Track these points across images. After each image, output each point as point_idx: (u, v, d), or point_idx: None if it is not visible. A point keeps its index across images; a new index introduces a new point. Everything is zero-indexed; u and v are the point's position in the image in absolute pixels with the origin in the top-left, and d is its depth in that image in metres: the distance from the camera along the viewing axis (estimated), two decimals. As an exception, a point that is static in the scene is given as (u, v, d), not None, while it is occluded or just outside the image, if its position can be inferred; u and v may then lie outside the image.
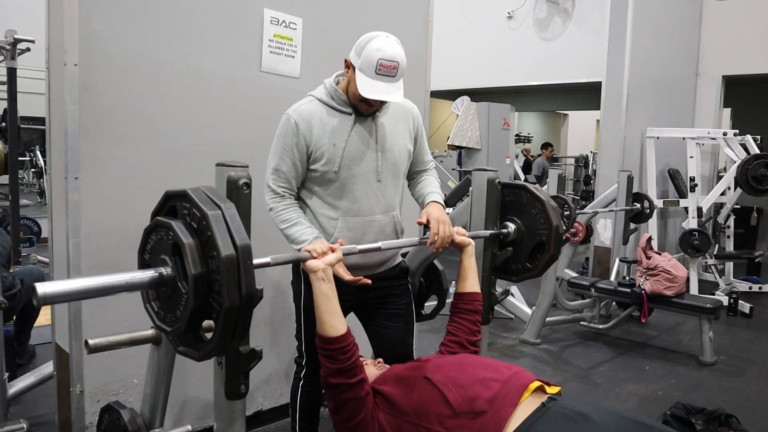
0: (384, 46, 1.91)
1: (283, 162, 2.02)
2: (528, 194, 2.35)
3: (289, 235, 2.01)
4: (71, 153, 2.11)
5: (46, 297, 1.19)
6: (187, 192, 1.37)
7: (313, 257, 1.77)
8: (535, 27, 8.02)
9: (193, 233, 1.34)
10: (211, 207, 1.33)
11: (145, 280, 1.37)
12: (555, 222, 2.30)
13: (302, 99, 2.10)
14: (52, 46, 2.22)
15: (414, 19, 3.18)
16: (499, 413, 1.62)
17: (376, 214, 2.11)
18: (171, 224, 1.35)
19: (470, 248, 2.18)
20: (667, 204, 6.36)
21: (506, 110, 5.37)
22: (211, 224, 1.30)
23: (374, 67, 1.90)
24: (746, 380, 3.89)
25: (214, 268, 1.31)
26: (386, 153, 2.10)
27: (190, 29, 2.39)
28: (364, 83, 1.91)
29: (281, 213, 2.02)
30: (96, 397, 2.28)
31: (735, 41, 7.04)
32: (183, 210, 1.39)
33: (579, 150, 13.75)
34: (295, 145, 2.00)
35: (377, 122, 2.09)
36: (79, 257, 2.16)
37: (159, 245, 1.41)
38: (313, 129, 2.01)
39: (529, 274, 2.40)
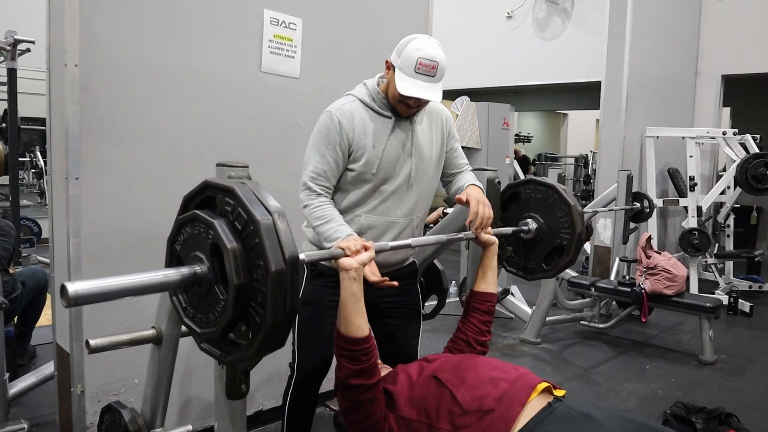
0: (424, 46, 1.92)
1: (324, 160, 2.00)
2: (556, 195, 2.33)
3: (323, 231, 1.98)
4: (72, 153, 2.12)
5: (78, 297, 1.11)
6: (234, 190, 1.27)
7: (346, 255, 1.74)
8: (535, 27, 8.02)
9: (238, 236, 1.25)
10: (263, 213, 1.23)
11: (177, 279, 1.28)
12: (579, 228, 2.28)
13: (342, 98, 2.08)
14: (53, 46, 2.22)
15: (413, 20, 3.18)
16: (508, 412, 1.63)
17: (398, 217, 2.11)
18: (213, 224, 1.26)
19: (494, 247, 2.16)
20: (667, 203, 6.37)
21: (506, 110, 5.37)
22: (261, 234, 1.21)
23: (413, 65, 1.90)
24: (746, 379, 3.90)
25: (258, 278, 1.22)
26: (420, 159, 2.11)
27: (190, 30, 2.39)
28: (403, 81, 1.92)
29: (316, 209, 1.99)
30: (97, 397, 2.28)
31: (734, 41, 7.04)
32: (225, 206, 1.28)
33: (579, 150, 13.77)
34: (338, 143, 1.99)
35: (414, 127, 2.09)
36: (79, 258, 2.16)
37: (194, 239, 1.31)
38: (356, 129, 2.00)
39: (543, 274, 2.40)
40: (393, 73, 1.96)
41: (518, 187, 2.45)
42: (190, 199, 1.40)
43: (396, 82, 1.93)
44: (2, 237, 3.09)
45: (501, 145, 5.35)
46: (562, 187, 2.39)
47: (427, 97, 1.94)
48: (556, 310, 4.82)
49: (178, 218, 1.37)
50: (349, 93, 2.11)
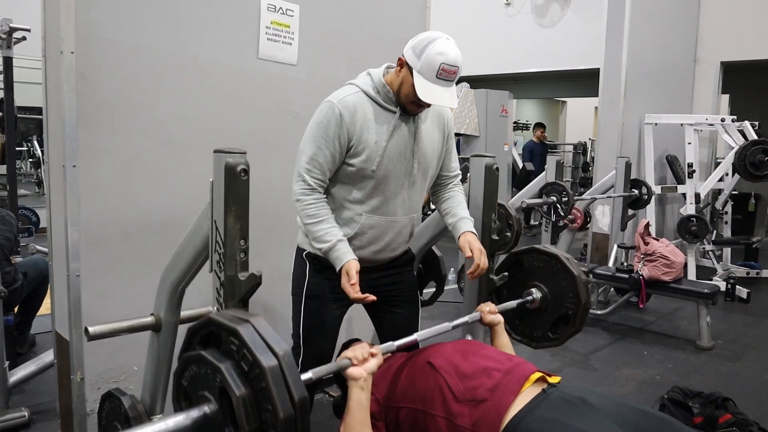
0: (447, 50, 1.85)
1: (321, 152, 1.94)
2: (559, 264, 2.33)
3: (314, 231, 1.95)
4: (69, 141, 2.10)
5: None
6: (239, 332, 1.25)
7: (353, 364, 1.69)
8: (534, 14, 7.99)
9: (245, 380, 1.23)
10: (268, 357, 1.22)
11: (188, 425, 1.26)
12: (584, 299, 2.28)
13: (344, 88, 2.01)
14: (49, 34, 2.21)
15: (412, 6, 3.17)
16: (501, 401, 1.64)
17: (399, 216, 2.09)
18: (221, 368, 1.24)
19: (501, 325, 2.15)
20: (665, 190, 6.37)
21: (504, 97, 5.36)
22: (268, 379, 1.20)
23: (436, 71, 1.85)
24: (743, 365, 3.92)
25: (267, 421, 1.21)
26: (422, 157, 2.07)
27: (187, 17, 2.38)
28: (423, 87, 1.86)
29: (309, 207, 1.95)
30: (96, 385, 2.29)
31: (733, 27, 7.01)
32: (231, 345, 1.27)
33: (577, 137, 13.73)
34: (338, 136, 1.93)
35: (418, 124, 2.04)
36: (78, 246, 2.16)
37: (202, 379, 1.30)
38: (357, 122, 1.94)
39: (550, 343, 2.39)
40: (407, 72, 1.90)
41: (521, 255, 2.45)
42: (195, 332, 1.37)
43: (416, 87, 1.87)
44: (3, 226, 3.09)
45: (500, 132, 5.34)
46: (565, 255, 2.37)
47: (450, 104, 1.91)
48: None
49: (184, 355, 1.35)
50: (352, 82, 2.03)
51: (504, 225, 3.51)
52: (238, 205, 1.54)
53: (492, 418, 1.62)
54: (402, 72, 1.93)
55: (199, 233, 1.69)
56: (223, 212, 1.54)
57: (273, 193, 2.60)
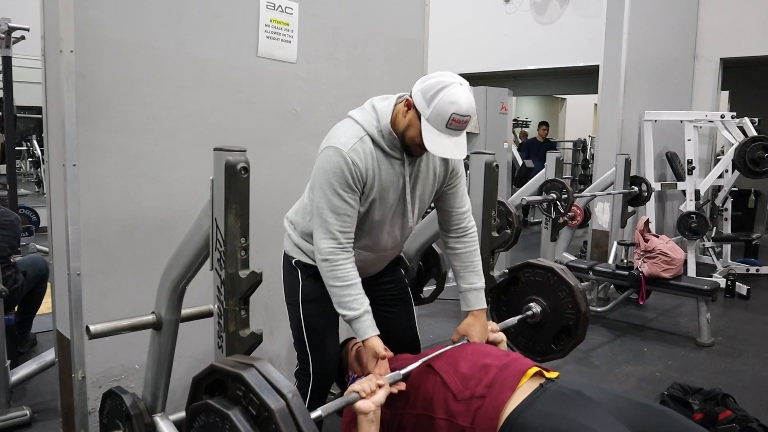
0: (459, 99, 1.73)
1: (346, 205, 1.83)
2: (556, 277, 2.36)
3: (341, 295, 1.85)
4: (68, 140, 2.10)
5: None
6: (243, 377, 1.26)
7: (361, 397, 1.67)
8: (533, 11, 7.98)
9: (255, 424, 1.24)
10: (275, 399, 1.24)
11: None
12: (583, 308, 2.30)
13: (347, 129, 1.89)
14: (48, 33, 2.21)
15: (411, 4, 3.16)
16: (498, 397, 1.65)
17: (388, 250, 2.07)
18: (229, 415, 1.25)
19: (503, 345, 2.13)
20: (665, 187, 6.37)
21: (504, 94, 5.36)
22: (278, 421, 1.20)
23: (446, 121, 1.73)
24: (743, 361, 3.92)
25: None
26: (420, 199, 2.01)
27: (186, 15, 2.37)
28: (432, 138, 1.75)
29: (338, 268, 1.84)
30: (98, 383, 2.29)
31: (733, 23, 7.01)
32: (237, 391, 1.29)
33: (577, 134, 13.73)
34: (355, 186, 1.83)
35: (420, 167, 1.96)
36: (78, 245, 2.16)
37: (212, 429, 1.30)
38: (368, 171, 1.85)
39: (554, 356, 2.42)
40: (415, 116, 1.79)
41: (517, 271, 2.46)
42: (200, 382, 1.39)
43: (424, 137, 1.76)
44: (6, 230, 3.09)
45: (499, 129, 5.34)
46: (561, 267, 2.40)
47: (458, 156, 1.80)
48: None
49: (192, 406, 1.36)
50: (356, 121, 1.90)
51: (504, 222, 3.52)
52: (238, 203, 1.55)
53: (490, 414, 1.62)
54: (409, 115, 1.82)
55: (199, 231, 1.69)
56: (223, 210, 1.54)
57: (273, 190, 2.61)
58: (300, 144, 2.73)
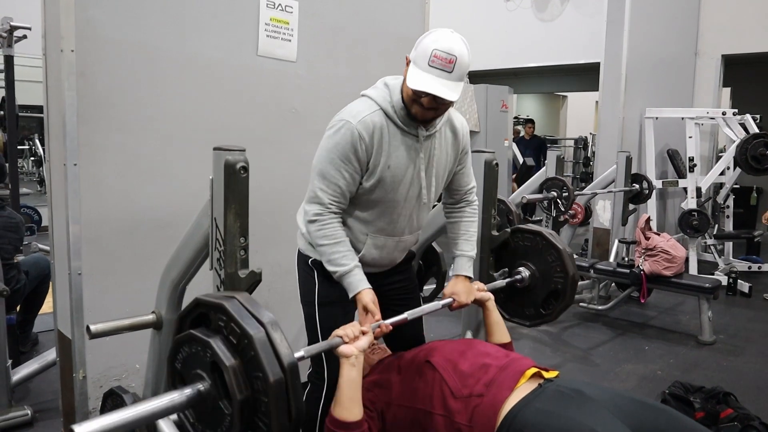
0: (442, 38, 1.73)
1: (340, 175, 1.84)
2: (544, 241, 2.36)
3: (328, 253, 1.87)
4: (69, 140, 2.10)
5: None
6: (224, 306, 1.30)
7: (345, 342, 1.70)
8: (533, 8, 7.97)
9: (235, 352, 1.28)
10: (254, 326, 1.27)
11: (183, 401, 1.30)
12: (571, 271, 2.31)
13: (360, 103, 1.89)
14: (49, 32, 2.21)
15: (411, 2, 3.16)
16: (496, 396, 1.65)
17: (405, 235, 2.05)
18: (210, 343, 1.29)
19: (490, 303, 2.16)
20: (666, 185, 6.36)
21: (504, 92, 5.36)
22: (255, 346, 1.24)
23: (428, 58, 1.71)
24: (745, 359, 3.92)
25: (259, 389, 1.26)
26: (435, 179, 1.99)
27: (186, 15, 2.37)
28: (413, 74, 1.74)
29: (325, 227, 1.86)
30: (99, 383, 2.30)
31: (734, 20, 6.99)
32: (219, 322, 1.32)
33: (578, 132, 13.73)
34: (357, 159, 1.83)
35: (434, 144, 1.95)
36: (79, 244, 2.16)
37: (193, 358, 1.34)
38: (375, 144, 1.83)
39: (543, 320, 2.43)
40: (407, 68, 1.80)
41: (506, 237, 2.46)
42: (184, 317, 1.42)
43: (407, 78, 1.77)
44: (11, 233, 3.09)
45: (500, 127, 5.35)
46: (549, 231, 2.42)
47: (438, 93, 1.72)
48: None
49: (175, 338, 1.40)
50: (370, 96, 1.90)
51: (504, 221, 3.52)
52: (237, 202, 1.55)
53: (488, 413, 1.63)
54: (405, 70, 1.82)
55: (199, 231, 1.70)
56: (223, 210, 1.54)
57: (273, 190, 2.60)
58: (300, 143, 2.72)
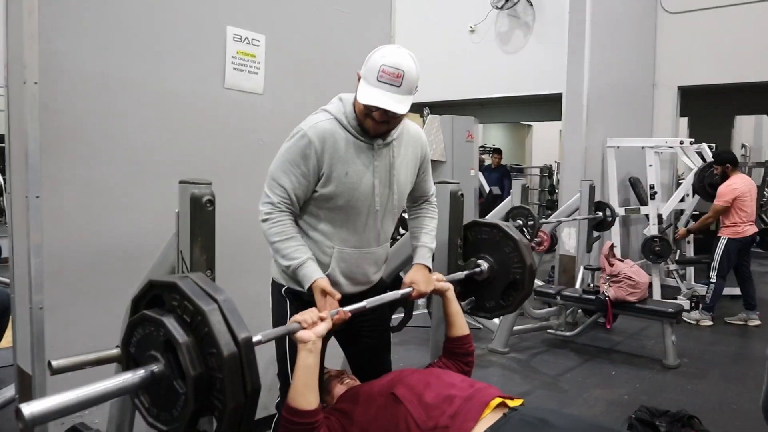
0: (389, 53, 1.80)
1: (287, 177, 1.89)
2: (500, 233, 2.38)
3: (281, 249, 1.89)
4: (32, 172, 2.08)
5: (35, 418, 1.09)
6: (176, 284, 1.29)
7: (303, 328, 1.70)
8: (497, 40, 8.15)
9: (188, 329, 1.27)
10: (206, 301, 1.26)
11: (136, 382, 1.28)
12: (528, 261, 2.33)
13: (316, 114, 1.95)
14: (11, 63, 2.19)
15: (377, 37, 3.21)
16: (461, 428, 1.65)
17: (372, 246, 2.06)
18: (162, 321, 1.27)
19: (450, 293, 2.17)
20: (629, 212, 6.51)
21: (470, 123, 5.45)
22: (208, 320, 1.23)
23: (376, 73, 1.77)
24: (708, 382, 3.99)
25: (213, 365, 1.24)
26: (396, 187, 2.02)
27: (153, 47, 2.38)
28: (363, 90, 1.80)
29: (276, 224, 1.89)
30: (60, 420, 2.24)
31: (689, 53, 7.27)
32: (172, 302, 1.31)
33: (543, 160, 13.96)
34: (306, 164, 1.88)
35: (392, 153, 1.99)
36: (41, 277, 2.13)
37: (147, 339, 1.32)
38: (327, 151, 1.88)
39: (503, 311, 2.44)
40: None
41: (465, 231, 2.49)
42: (139, 301, 1.40)
43: (358, 93, 1.83)
44: None
45: (466, 157, 5.42)
46: (505, 224, 2.44)
47: (387, 106, 1.78)
48: (524, 319, 4.87)
49: (129, 321, 1.38)
50: (325, 109, 1.97)
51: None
52: (203, 235, 1.55)
53: None
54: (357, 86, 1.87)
55: (165, 264, 1.68)
56: (189, 243, 1.54)
57: (240, 220, 2.59)
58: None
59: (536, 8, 7.73)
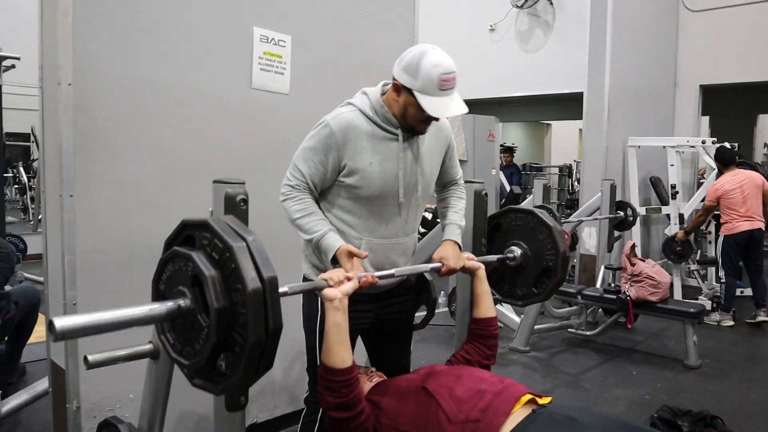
0: (440, 59, 1.83)
1: (306, 164, 1.94)
2: (536, 219, 2.38)
3: (303, 224, 1.93)
4: (66, 171, 2.13)
5: (65, 332, 1.17)
6: (208, 222, 1.33)
7: (329, 285, 1.73)
8: (517, 39, 8.15)
9: (215, 265, 1.30)
10: (235, 239, 1.29)
11: (163, 312, 1.32)
12: (562, 248, 2.32)
13: (341, 107, 1.99)
14: (45, 65, 2.24)
15: (400, 37, 3.24)
16: (492, 422, 1.67)
17: (399, 237, 2.07)
18: (191, 255, 1.31)
19: (480, 272, 2.16)
20: (650, 211, 6.48)
21: (491, 122, 5.46)
22: (236, 256, 1.25)
23: (437, 84, 1.81)
24: (730, 383, 3.97)
25: (238, 301, 1.27)
26: (422, 177, 2.04)
27: (182, 49, 2.43)
28: (432, 104, 1.83)
29: (297, 202, 1.94)
30: (92, 413, 2.29)
31: (711, 51, 7.21)
32: (203, 240, 1.34)
33: (562, 159, 13.91)
34: (325, 153, 1.91)
35: (417, 143, 2.01)
36: (74, 275, 2.18)
37: (176, 276, 1.37)
38: (350, 141, 1.91)
39: (536, 298, 2.43)
40: (407, 95, 1.86)
41: (499, 217, 2.50)
42: (171, 241, 1.45)
43: (424, 106, 1.83)
44: (2, 263, 3.08)
45: (487, 156, 5.43)
46: (540, 210, 2.44)
47: (461, 112, 1.88)
48: (544, 318, 4.87)
49: (161, 259, 1.42)
50: (349, 102, 2.00)
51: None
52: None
53: None
54: (401, 97, 1.89)
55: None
56: (223, 241, 1.57)
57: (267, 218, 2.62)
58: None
59: (556, 7, 7.72)
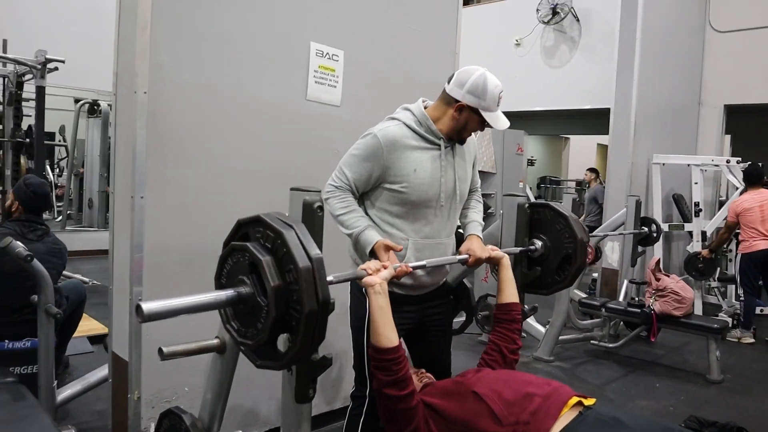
0: (496, 80, 2.13)
1: (351, 169, 2.11)
2: (552, 211, 2.55)
3: (345, 220, 2.10)
4: (138, 174, 2.28)
5: (151, 314, 1.36)
6: (260, 216, 1.51)
7: (368, 274, 1.87)
8: (543, 54, 8.25)
9: (269, 251, 1.48)
10: (284, 227, 1.47)
11: (224, 298, 1.49)
12: (579, 235, 2.48)
13: (386, 121, 2.18)
14: (121, 73, 2.38)
15: (443, 52, 3.38)
16: (542, 424, 1.77)
17: (443, 237, 2.24)
18: (246, 245, 1.48)
19: (505, 261, 2.30)
20: (672, 228, 6.54)
21: (520, 136, 5.57)
22: (286, 240, 1.44)
23: (496, 101, 2.12)
24: (753, 398, 4.04)
25: (291, 280, 1.44)
26: (459, 182, 2.22)
27: (246, 60, 2.57)
28: (494, 119, 2.13)
29: (340, 200, 2.11)
30: (151, 404, 2.42)
31: (736, 71, 7.28)
32: (256, 234, 1.53)
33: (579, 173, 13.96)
34: (373, 162, 2.09)
35: (454, 152, 2.21)
36: (141, 271, 2.31)
37: (235, 268, 1.54)
38: (395, 152, 2.09)
39: (560, 285, 2.58)
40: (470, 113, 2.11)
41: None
42: (229, 240, 1.61)
43: (490, 122, 2.12)
44: (56, 258, 3.22)
45: (515, 169, 5.53)
46: (555, 203, 2.61)
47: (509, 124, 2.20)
48: (566, 329, 4.95)
49: (221, 255, 1.60)
50: (393, 117, 2.19)
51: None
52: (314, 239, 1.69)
53: None
54: (463, 115, 2.12)
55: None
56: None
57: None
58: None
59: (583, 24, 7.82)
